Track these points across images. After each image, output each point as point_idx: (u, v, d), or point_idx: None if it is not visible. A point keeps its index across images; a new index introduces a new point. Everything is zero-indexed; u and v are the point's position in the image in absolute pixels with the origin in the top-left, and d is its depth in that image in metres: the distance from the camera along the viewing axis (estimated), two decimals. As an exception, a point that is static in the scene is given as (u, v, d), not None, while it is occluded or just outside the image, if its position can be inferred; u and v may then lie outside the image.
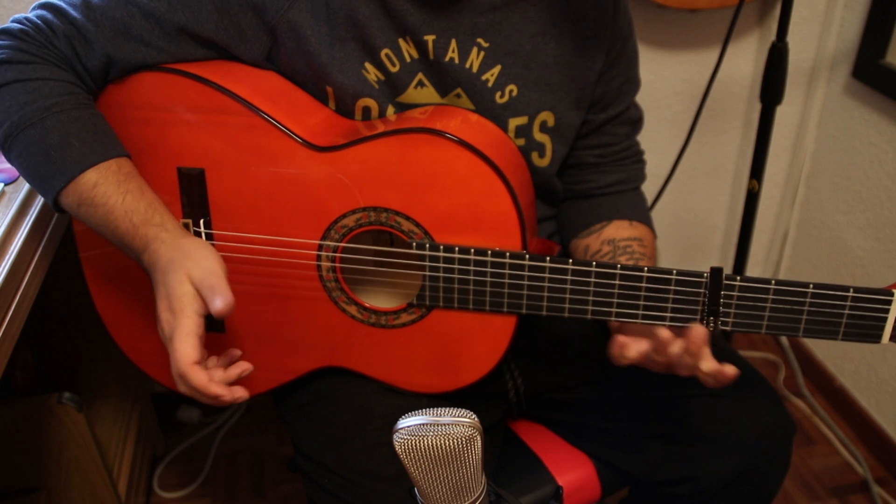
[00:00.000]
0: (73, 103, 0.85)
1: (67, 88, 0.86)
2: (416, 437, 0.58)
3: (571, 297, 0.87)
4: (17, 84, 0.84)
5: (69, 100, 0.85)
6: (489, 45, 0.93)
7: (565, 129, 1.01)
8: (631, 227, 1.05)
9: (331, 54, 0.91)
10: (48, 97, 0.84)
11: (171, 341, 0.79)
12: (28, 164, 0.84)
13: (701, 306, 0.85)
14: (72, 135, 0.84)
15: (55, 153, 0.83)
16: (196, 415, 1.78)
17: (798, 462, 1.72)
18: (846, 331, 0.84)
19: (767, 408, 1.00)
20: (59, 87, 0.85)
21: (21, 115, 0.83)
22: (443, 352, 0.95)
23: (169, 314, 0.80)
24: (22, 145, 0.83)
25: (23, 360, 1.33)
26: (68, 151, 0.83)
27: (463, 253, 0.88)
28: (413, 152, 0.86)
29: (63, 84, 0.86)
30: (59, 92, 0.85)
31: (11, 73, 0.84)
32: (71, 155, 0.83)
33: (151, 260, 0.83)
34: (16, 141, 0.83)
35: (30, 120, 0.83)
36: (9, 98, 0.83)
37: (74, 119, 0.85)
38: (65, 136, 0.83)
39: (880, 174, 1.62)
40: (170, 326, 0.80)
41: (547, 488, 1.05)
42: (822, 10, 1.68)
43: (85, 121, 0.85)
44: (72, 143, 0.83)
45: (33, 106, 0.83)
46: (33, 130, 0.83)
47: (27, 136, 0.83)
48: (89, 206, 0.84)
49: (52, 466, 1.21)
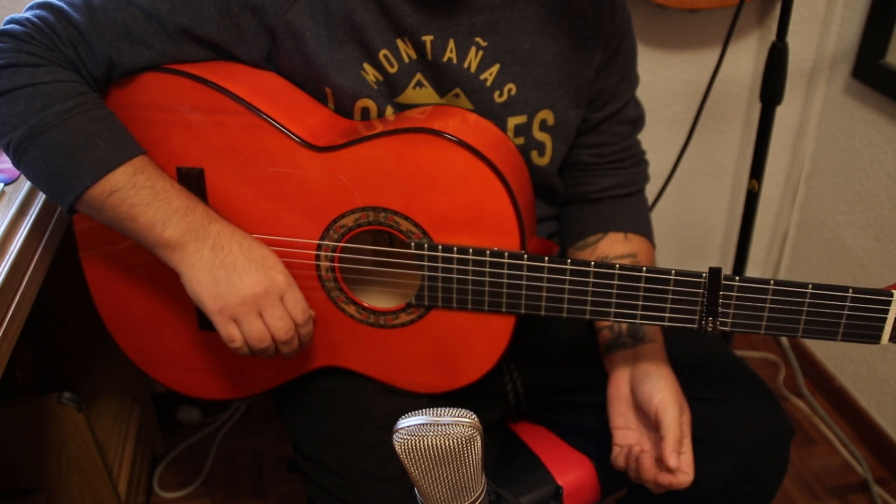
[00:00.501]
0: (90, 104, 0.85)
1: (81, 89, 0.85)
2: (416, 437, 0.58)
3: (570, 298, 0.87)
4: (30, 88, 0.83)
5: (86, 100, 0.85)
6: (487, 44, 0.93)
7: (565, 127, 1.01)
8: (626, 242, 1.05)
9: (329, 55, 0.91)
10: (66, 100, 0.83)
11: (289, 289, 0.89)
12: (47, 166, 0.83)
13: (700, 307, 0.85)
14: (95, 135, 0.83)
15: (81, 154, 0.83)
16: (196, 415, 1.78)
17: (798, 462, 1.72)
18: (845, 331, 0.83)
19: (766, 410, 1.00)
20: (73, 88, 0.85)
21: (40, 118, 0.82)
22: (442, 352, 0.95)
23: (261, 271, 0.87)
24: (41, 148, 0.83)
25: (23, 360, 1.33)
26: (94, 151, 0.83)
27: (461, 253, 0.88)
28: (411, 152, 0.86)
29: (76, 85, 0.85)
30: (76, 93, 0.84)
31: (22, 77, 0.83)
32: (97, 154, 0.83)
33: (220, 230, 0.88)
34: (33, 144, 0.83)
35: (50, 123, 0.82)
36: (22, 103, 0.82)
37: (95, 119, 0.84)
38: (88, 137, 0.83)
39: (880, 174, 1.62)
40: (271, 280, 0.87)
41: (547, 488, 1.05)
42: (822, 10, 1.68)
43: (105, 120, 0.85)
44: (97, 143, 0.83)
45: (53, 109, 0.82)
46: (55, 133, 0.82)
47: (48, 139, 0.82)
48: (128, 189, 0.84)
49: (52, 466, 1.21)
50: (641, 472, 0.93)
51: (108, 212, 0.85)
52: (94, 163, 0.83)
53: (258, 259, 0.88)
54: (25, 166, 0.85)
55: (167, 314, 1.01)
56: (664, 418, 0.90)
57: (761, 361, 2.00)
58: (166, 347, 1.04)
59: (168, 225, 0.85)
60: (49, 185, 0.86)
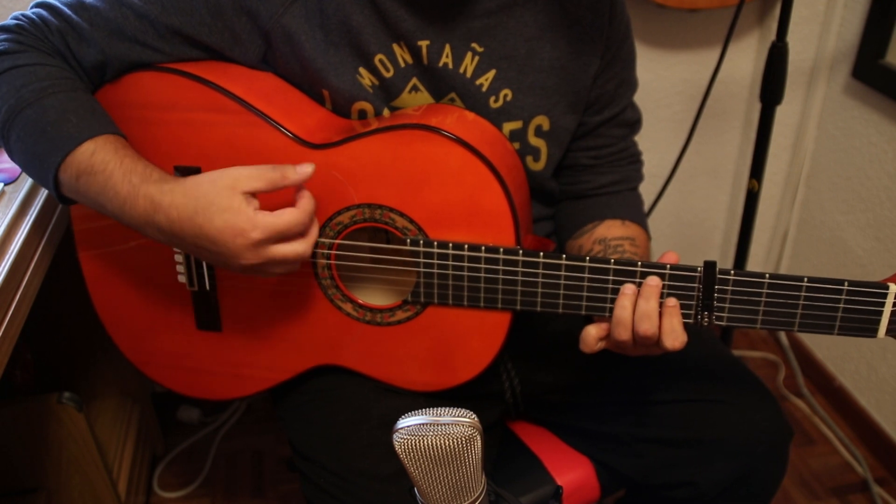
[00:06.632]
0: (69, 86, 0.85)
1: (63, 73, 0.86)
2: (416, 437, 0.58)
3: (566, 293, 0.87)
4: (12, 70, 0.84)
5: (65, 83, 0.85)
6: (483, 49, 0.93)
7: (560, 132, 1.01)
8: (623, 227, 1.05)
9: (325, 59, 0.91)
10: (44, 79, 0.84)
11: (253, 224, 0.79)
12: (26, 145, 0.84)
13: (695, 301, 0.84)
14: (70, 112, 0.83)
15: (52, 130, 0.82)
16: (196, 415, 1.78)
17: (798, 462, 1.71)
18: (842, 325, 0.83)
19: (765, 412, 1.00)
20: (54, 70, 0.85)
21: (18, 97, 0.83)
22: (438, 349, 0.95)
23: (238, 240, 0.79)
24: (19, 127, 0.83)
25: (23, 360, 1.33)
26: (65, 126, 0.82)
27: (457, 249, 0.88)
28: (407, 149, 0.86)
29: (58, 69, 0.86)
30: (55, 75, 0.85)
31: (6, 63, 0.84)
32: (68, 130, 0.82)
33: (166, 216, 0.80)
34: (14, 124, 0.83)
35: (27, 101, 0.83)
36: (4, 85, 0.84)
37: (72, 99, 0.85)
38: (62, 114, 0.83)
39: (880, 174, 1.62)
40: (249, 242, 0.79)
41: (546, 488, 1.05)
42: (822, 10, 1.68)
43: (82, 101, 0.86)
44: (69, 119, 0.83)
45: (29, 87, 0.83)
46: (30, 111, 0.83)
47: (24, 117, 0.83)
48: (88, 174, 0.82)
49: (52, 466, 1.21)
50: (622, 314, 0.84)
51: (83, 198, 0.85)
52: (63, 138, 0.82)
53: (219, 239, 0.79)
54: (11, 150, 0.86)
55: (165, 314, 1.01)
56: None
57: (761, 361, 2.00)
58: (164, 347, 1.04)
59: (124, 217, 0.83)
60: (31, 167, 0.86)
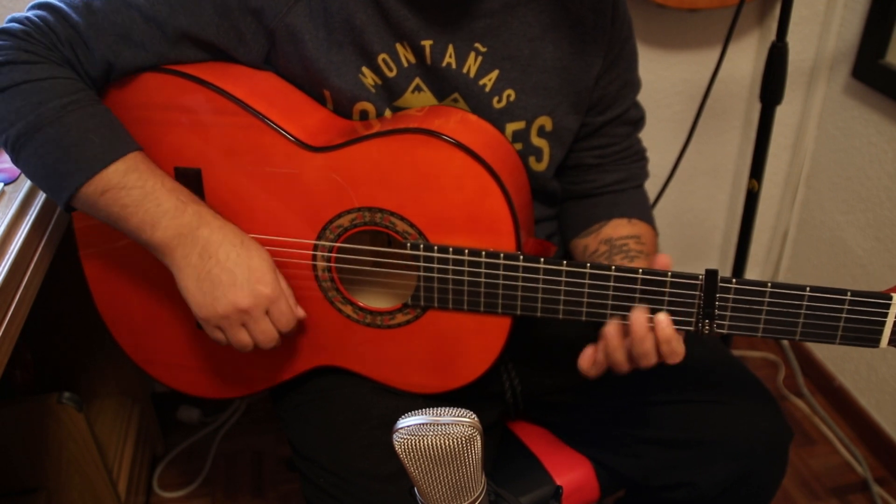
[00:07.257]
0: (87, 101, 0.85)
1: (78, 86, 0.86)
2: (416, 437, 0.58)
3: (566, 299, 0.87)
4: (26, 85, 0.83)
5: (83, 97, 0.85)
6: (487, 49, 0.93)
7: (563, 133, 1.01)
8: (630, 225, 1.04)
9: (328, 59, 0.91)
10: (62, 95, 0.83)
11: (275, 302, 0.88)
12: (43, 162, 0.84)
13: (696, 309, 0.84)
14: (91, 131, 0.84)
15: (75, 150, 0.83)
16: (196, 415, 1.78)
17: (798, 462, 1.72)
18: (844, 335, 0.83)
19: (764, 413, 1.00)
20: (70, 85, 0.85)
21: (37, 114, 0.82)
22: (438, 352, 0.95)
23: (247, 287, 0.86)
24: (37, 144, 0.83)
25: (23, 360, 1.33)
26: (89, 147, 0.83)
27: (457, 254, 0.88)
28: (408, 153, 0.86)
29: (73, 82, 0.86)
30: (72, 90, 0.85)
31: (19, 74, 0.83)
32: (93, 150, 0.83)
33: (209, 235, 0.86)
34: (30, 140, 0.83)
35: (47, 119, 0.82)
36: (19, 99, 0.83)
37: (91, 115, 0.85)
38: (84, 133, 0.83)
39: (880, 174, 1.62)
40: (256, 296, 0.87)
41: (546, 488, 1.05)
42: (822, 10, 1.68)
43: (101, 117, 0.86)
44: (92, 140, 0.83)
45: (49, 105, 0.83)
46: (51, 129, 0.82)
47: (44, 135, 0.83)
48: (118, 189, 0.84)
49: (52, 466, 1.21)
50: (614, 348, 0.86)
51: (102, 210, 0.86)
52: (88, 159, 0.83)
53: (245, 272, 0.86)
54: (23, 163, 0.86)
55: (167, 313, 1.01)
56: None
57: (761, 361, 2.00)
58: (166, 346, 1.04)
59: (157, 228, 0.85)
60: (46, 182, 0.86)
